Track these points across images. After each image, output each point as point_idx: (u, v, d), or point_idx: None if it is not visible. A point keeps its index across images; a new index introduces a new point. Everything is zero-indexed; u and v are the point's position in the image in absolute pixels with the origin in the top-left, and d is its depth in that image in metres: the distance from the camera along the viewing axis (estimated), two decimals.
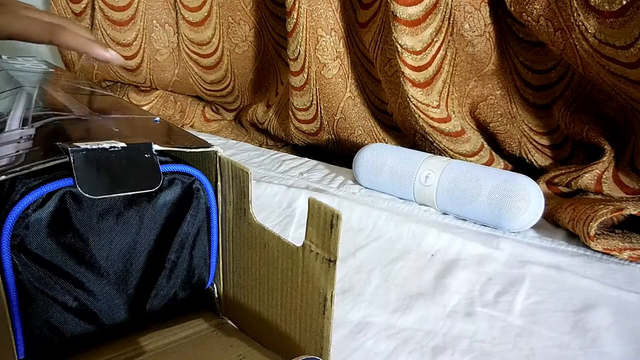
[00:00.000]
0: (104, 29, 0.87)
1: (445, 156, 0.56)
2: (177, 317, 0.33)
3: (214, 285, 0.34)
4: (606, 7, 0.41)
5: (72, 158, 0.24)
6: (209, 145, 0.30)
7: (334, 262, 0.24)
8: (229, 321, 0.35)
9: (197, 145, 0.29)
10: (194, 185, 0.30)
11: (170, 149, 0.28)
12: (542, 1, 0.47)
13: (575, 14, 0.44)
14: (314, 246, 0.25)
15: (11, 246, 0.23)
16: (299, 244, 0.26)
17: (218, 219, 0.31)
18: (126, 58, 0.89)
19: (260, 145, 0.83)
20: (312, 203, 0.25)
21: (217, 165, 0.30)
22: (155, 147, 0.27)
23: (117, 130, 0.32)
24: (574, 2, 0.43)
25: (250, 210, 0.30)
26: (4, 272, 0.23)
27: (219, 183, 0.31)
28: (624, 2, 0.40)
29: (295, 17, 0.63)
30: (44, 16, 0.39)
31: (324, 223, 0.25)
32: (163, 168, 0.27)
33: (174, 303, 0.31)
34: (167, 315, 0.32)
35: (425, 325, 0.34)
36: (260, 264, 0.30)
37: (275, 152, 0.73)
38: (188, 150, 0.28)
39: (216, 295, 0.35)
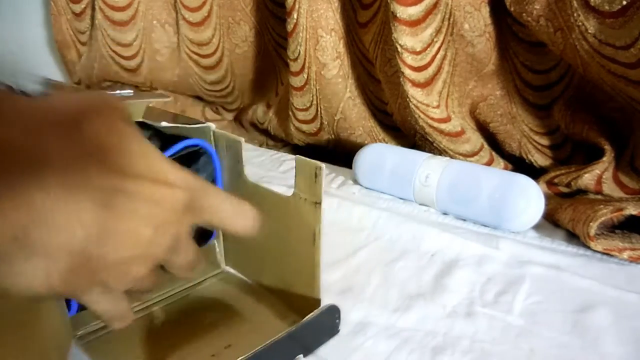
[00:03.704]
0: (104, 29, 0.87)
1: (445, 156, 0.56)
2: None
3: (215, 240, 0.40)
4: (606, 7, 0.41)
5: None
6: (204, 122, 0.36)
7: (319, 204, 0.30)
8: (231, 270, 0.41)
9: (195, 122, 0.36)
10: (199, 150, 0.35)
11: (175, 126, 0.35)
12: (542, 1, 0.47)
13: (575, 14, 0.44)
14: (302, 193, 0.31)
15: None
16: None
17: (222, 176, 0.37)
18: (126, 58, 0.90)
19: (260, 146, 0.83)
20: (298, 160, 0.31)
21: (212, 139, 0.36)
22: (163, 123, 0.34)
23: None
24: (574, 2, 0.43)
25: (244, 173, 0.36)
26: None
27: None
28: (624, 3, 0.40)
29: (295, 17, 0.63)
30: None
31: (309, 175, 0.30)
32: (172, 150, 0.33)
33: None
34: None
35: (425, 325, 0.34)
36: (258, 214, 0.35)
37: (275, 152, 0.73)
38: (188, 126, 0.35)
39: (217, 249, 0.40)
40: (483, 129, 0.61)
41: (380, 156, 0.55)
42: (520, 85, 0.56)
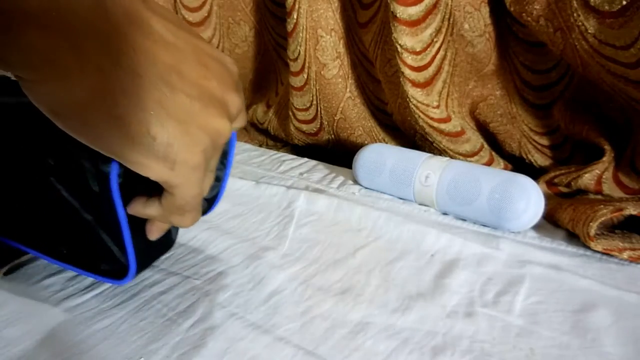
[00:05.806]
0: None
1: (445, 156, 0.56)
2: None
3: None
4: (606, 7, 0.41)
5: None
6: None
7: None
8: None
9: None
10: None
11: None
12: (542, 1, 0.47)
13: (575, 14, 0.44)
14: None
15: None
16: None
17: None
18: None
19: (260, 146, 0.83)
20: None
21: None
22: None
23: None
24: (574, 2, 0.43)
25: None
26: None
27: None
28: (624, 3, 0.40)
29: (295, 17, 0.63)
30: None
31: None
32: None
33: None
34: None
35: (424, 325, 0.34)
36: None
37: (275, 152, 0.73)
38: None
39: None
40: (483, 129, 0.61)
41: (380, 156, 0.55)
42: (520, 85, 0.56)
